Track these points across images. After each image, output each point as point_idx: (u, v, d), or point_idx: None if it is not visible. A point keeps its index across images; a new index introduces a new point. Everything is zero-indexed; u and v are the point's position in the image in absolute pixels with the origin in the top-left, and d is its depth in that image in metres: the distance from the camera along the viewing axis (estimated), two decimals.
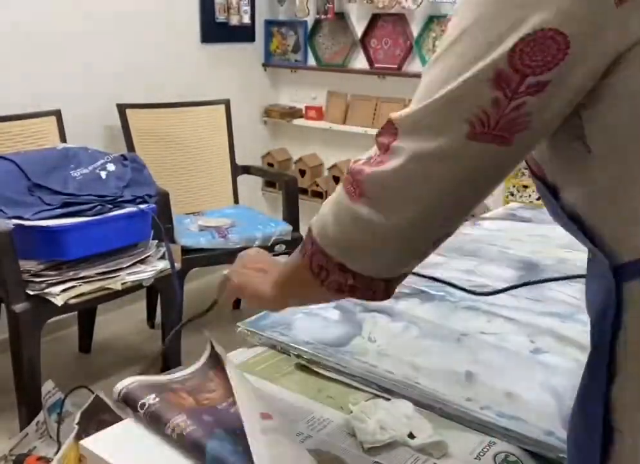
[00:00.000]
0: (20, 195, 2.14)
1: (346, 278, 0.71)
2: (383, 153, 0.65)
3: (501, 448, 0.88)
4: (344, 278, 0.71)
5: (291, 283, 0.81)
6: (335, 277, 0.71)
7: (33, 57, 2.72)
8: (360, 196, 0.65)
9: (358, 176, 0.66)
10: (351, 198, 0.66)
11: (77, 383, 2.28)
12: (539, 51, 0.55)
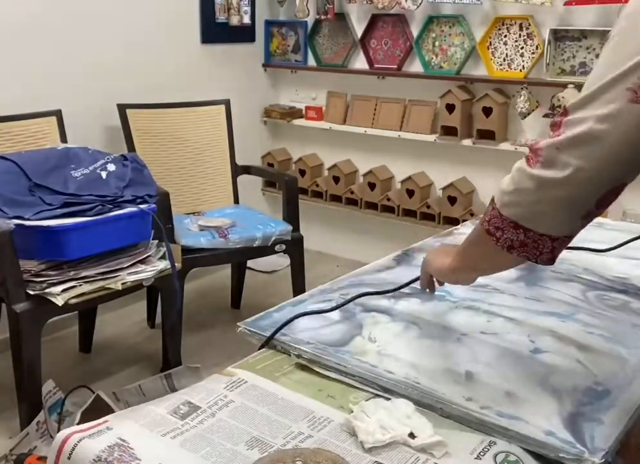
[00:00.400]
0: (20, 195, 2.14)
1: (517, 235, 0.85)
2: (556, 130, 0.80)
3: (501, 447, 0.89)
4: (516, 234, 0.85)
5: (470, 249, 1.00)
6: (508, 234, 0.86)
7: (33, 57, 2.72)
8: (537, 162, 0.81)
9: (536, 146, 0.82)
10: (528, 164, 0.82)
11: (77, 382, 2.29)
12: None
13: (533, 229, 0.83)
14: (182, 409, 0.97)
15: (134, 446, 0.87)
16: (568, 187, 0.79)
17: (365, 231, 3.66)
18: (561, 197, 0.80)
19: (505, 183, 0.86)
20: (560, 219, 0.83)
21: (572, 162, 0.78)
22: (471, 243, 0.99)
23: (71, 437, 0.89)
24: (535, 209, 0.83)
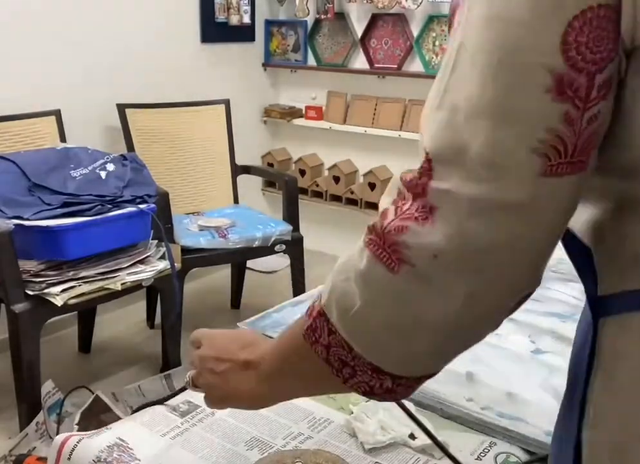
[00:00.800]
0: (20, 195, 2.14)
1: (381, 382, 0.55)
2: (415, 198, 0.49)
3: (502, 448, 0.88)
4: (378, 381, 0.55)
5: (294, 375, 0.63)
6: (364, 378, 0.55)
7: (33, 57, 2.72)
8: (401, 264, 0.49)
9: (393, 238, 0.49)
10: (387, 268, 0.50)
11: (77, 383, 2.29)
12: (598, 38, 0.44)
13: (408, 376, 0.55)
14: (182, 407, 0.97)
15: (133, 447, 0.87)
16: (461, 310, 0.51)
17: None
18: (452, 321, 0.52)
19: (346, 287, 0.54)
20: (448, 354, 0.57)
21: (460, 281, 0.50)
22: (297, 367, 0.62)
23: (71, 437, 0.89)
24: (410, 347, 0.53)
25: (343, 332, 0.55)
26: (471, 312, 0.51)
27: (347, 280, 0.54)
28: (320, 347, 0.57)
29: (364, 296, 0.52)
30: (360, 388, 0.57)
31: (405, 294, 0.50)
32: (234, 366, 0.68)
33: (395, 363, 0.54)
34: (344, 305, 0.54)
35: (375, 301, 0.52)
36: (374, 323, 0.52)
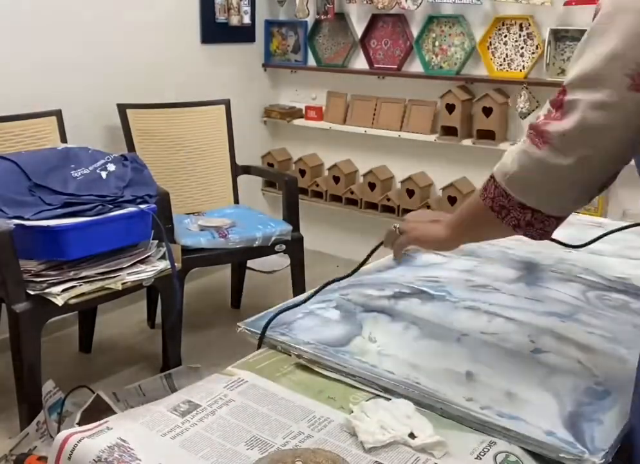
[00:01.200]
0: (20, 195, 2.14)
1: (524, 215, 0.88)
2: (557, 109, 0.83)
3: (501, 448, 0.89)
4: (522, 214, 0.88)
5: (469, 223, 1.01)
6: (514, 214, 0.89)
7: (34, 57, 2.72)
8: (544, 144, 0.83)
9: (541, 128, 0.83)
10: (537, 147, 0.83)
11: (77, 382, 2.29)
12: None
13: (541, 211, 0.87)
14: (182, 407, 0.97)
15: (134, 447, 0.87)
16: (576, 173, 0.82)
17: (365, 231, 3.66)
18: (569, 181, 0.84)
19: (509, 164, 0.88)
20: (568, 201, 0.87)
21: (579, 150, 0.81)
22: (472, 217, 1.00)
23: (71, 437, 0.89)
24: (543, 192, 0.86)
25: (505, 185, 0.88)
26: (583, 168, 0.82)
27: (511, 155, 0.88)
28: (488, 199, 0.92)
29: (521, 162, 0.86)
30: (511, 223, 0.90)
31: (545, 159, 0.83)
32: (429, 221, 1.12)
33: (534, 200, 0.87)
34: (508, 169, 0.88)
35: (527, 165, 0.85)
36: (525, 178, 0.86)
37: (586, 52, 0.80)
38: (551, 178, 0.84)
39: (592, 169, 0.82)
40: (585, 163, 0.81)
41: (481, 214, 0.94)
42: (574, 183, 0.84)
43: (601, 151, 0.81)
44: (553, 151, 0.82)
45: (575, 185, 0.84)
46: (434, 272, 1.45)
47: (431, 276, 1.42)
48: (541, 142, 0.83)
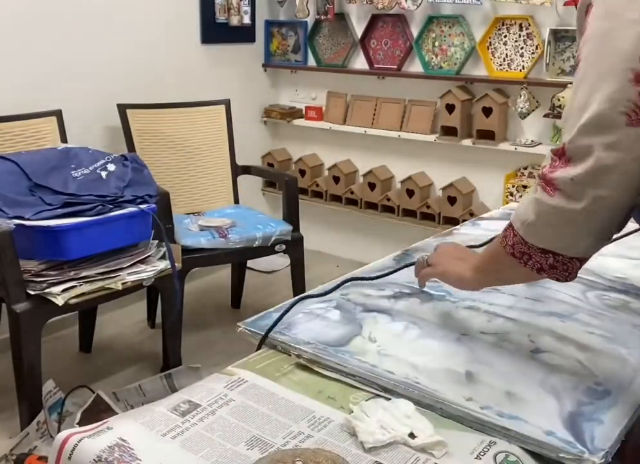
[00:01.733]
0: (21, 195, 2.14)
1: (546, 259, 0.90)
2: (560, 157, 0.85)
3: (501, 448, 0.89)
4: (544, 258, 0.90)
5: (492, 267, 1.03)
6: (536, 258, 0.91)
7: (34, 57, 2.73)
8: (555, 190, 0.85)
9: (549, 176, 0.86)
10: (548, 194, 0.86)
11: (78, 382, 2.29)
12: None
13: (563, 254, 0.89)
14: (182, 407, 0.97)
15: (134, 447, 0.87)
16: (591, 215, 0.84)
17: (365, 231, 3.66)
18: (586, 224, 0.85)
19: (524, 213, 0.90)
20: (587, 243, 0.88)
21: (590, 193, 0.82)
22: (495, 263, 1.01)
23: (71, 437, 0.89)
24: (561, 237, 0.88)
25: (523, 234, 0.91)
26: (597, 210, 0.84)
27: (524, 205, 0.91)
28: (509, 246, 0.94)
29: (535, 211, 0.88)
30: (535, 267, 0.92)
31: (558, 205, 0.85)
32: (457, 258, 1.15)
33: (554, 245, 0.89)
34: (524, 218, 0.90)
35: (541, 212, 0.88)
36: (541, 225, 0.89)
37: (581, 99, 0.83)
38: (567, 222, 0.85)
39: (606, 209, 0.84)
40: (599, 204, 0.83)
41: (504, 260, 0.96)
42: (591, 225, 0.85)
43: (612, 190, 0.82)
44: (565, 197, 0.84)
45: (592, 227, 0.86)
46: None
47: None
48: (552, 189, 0.85)
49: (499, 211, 1.99)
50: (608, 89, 0.79)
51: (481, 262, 1.06)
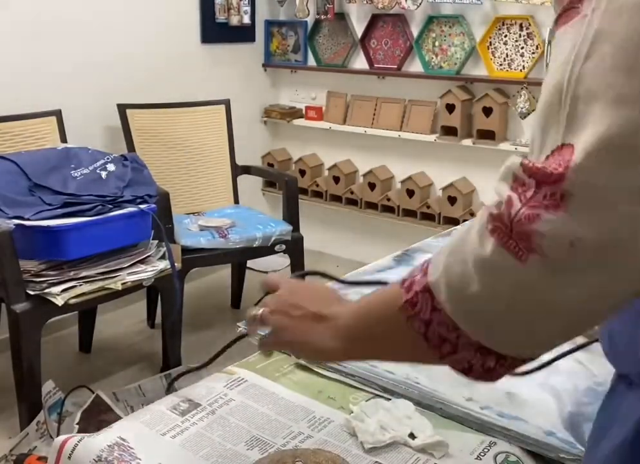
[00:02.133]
0: (20, 195, 2.14)
1: (484, 360, 0.55)
2: (543, 182, 0.48)
3: (501, 448, 0.89)
4: (481, 359, 0.55)
5: (375, 339, 0.63)
6: (465, 355, 0.56)
7: (34, 57, 2.72)
8: (531, 254, 0.48)
9: (524, 227, 0.48)
10: (515, 257, 0.49)
11: (77, 382, 2.29)
12: None
13: (516, 357, 0.56)
14: (182, 406, 0.97)
15: (134, 446, 0.87)
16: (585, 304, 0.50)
17: (365, 231, 3.66)
18: (570, 316, 0.51)
19: (459, 275, 0.53)
20: (560, 339, 0.55)
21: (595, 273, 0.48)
22: (384, 333, 0.62)
23: (71, 438, 0.89)
24: (526, 334, 0.53)
25: (452, 312, 0.54)
26: (603, 300, 0.50)
27: (463, 262, 0.53)
28: (419, 322, 0.57)
29: (486, 282, 0.51)
30: (459, 365, 0.57)
31: (533, 283, 0.49)
32: (311, 316, 0.69)
33: (506, 344, 0.54)
34: (458, 287, 0.53)
35: (497, 288, 0.51)
36: (492, 309, 0.52)
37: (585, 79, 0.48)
38: (541, 311, 0.51)
39: (610, 296, 0.50)
40: (606, 289, 0.49)
41: (403, 339, 0.59)
42: (579, 317, 0.52)
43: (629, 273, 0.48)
44: (548, 269, 0.48)
45: (579, 320, 0.52)
46: None
47: None
48: (524, 249, 0.48)
49: None
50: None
51: (356, 326, 0.66)
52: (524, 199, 0.49)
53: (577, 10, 0.49)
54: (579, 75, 0.48)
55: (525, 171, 0.50)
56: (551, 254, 0.48)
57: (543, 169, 0.48)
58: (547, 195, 0.48)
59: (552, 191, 0.47)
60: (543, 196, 0.48)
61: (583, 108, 0.47)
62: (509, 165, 0.51)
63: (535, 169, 0.49)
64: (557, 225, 0.47)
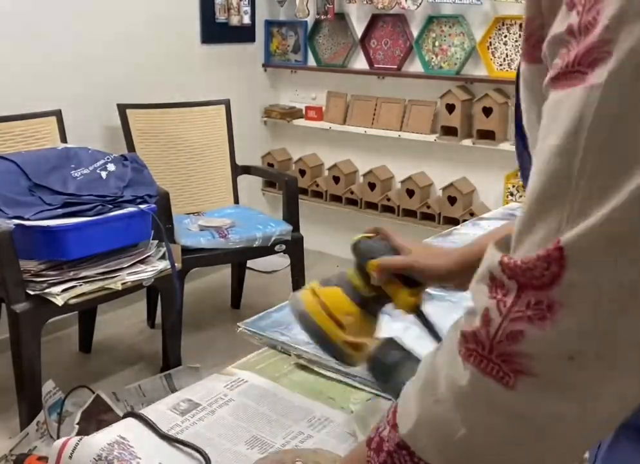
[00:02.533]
0: (20, 195, 2.14)
1: None
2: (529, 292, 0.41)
3: None
4: None
5: None
6: None
7: (33, 57, 2.72)
8: (519, 376, 0.41)
9: (506, 348, 0.41)
10: (502, 384, 0.41)
11: (77, 383, 2.29)
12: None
13: None
14: (182, 406, 0.97)
15: (134, 444, 0.87)
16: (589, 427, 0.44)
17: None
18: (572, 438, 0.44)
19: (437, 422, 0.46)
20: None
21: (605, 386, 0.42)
22: None
23: (72, 438, 0.89)
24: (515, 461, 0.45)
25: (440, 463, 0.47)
26: (617, 412, 0.43)
27: (438, 402, 0.45)
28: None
29: (471, 420, 0.44)
30: None
31: (527, 408, 0.42)
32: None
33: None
34: (441, 434, 0.45)
35: (486, 423, 0.43)
36: (485, 448, 0.44)
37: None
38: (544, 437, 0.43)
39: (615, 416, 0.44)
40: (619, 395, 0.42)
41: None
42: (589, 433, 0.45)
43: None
44: (543, 391, 0.41)
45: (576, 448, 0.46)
46: None
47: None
48: (510, 372, 0.41)
49: (500, 210, 1.99)
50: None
51: None
52: (503, 308, 0.42)
53: (583, 77, 0.41)
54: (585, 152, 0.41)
55: (505, 270, 0.42)
56: (544, 373, 0.41)
57: (527, 268, 0.41)
58: (531, 303, 0.41)
59: (538, 299, 0.40)
60: (527, 305, 0.41)
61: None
62: (487, 263, 0.45)
63: (516, 267, 0.42)
64: (546, 342, 0.40)
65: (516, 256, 0.42)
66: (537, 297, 0.40)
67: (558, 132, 0.42)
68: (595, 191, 0.39)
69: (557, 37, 0.44)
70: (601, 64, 0.40)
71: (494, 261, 0.43)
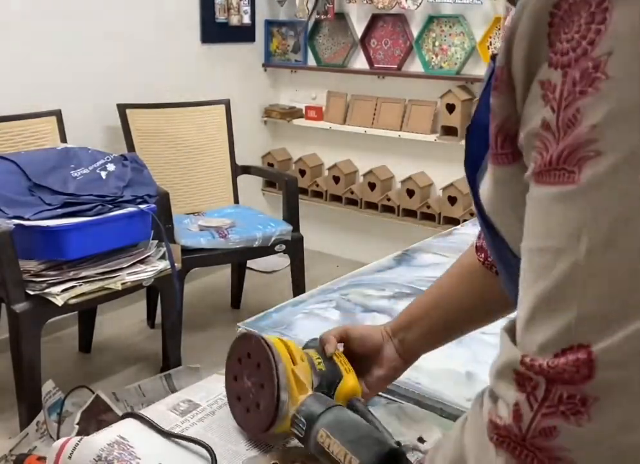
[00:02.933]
0: (20, 195, 2.14)
1: None
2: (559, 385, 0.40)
3: None
4: None
5: None
6: None
7: (33, 57, 2.72)
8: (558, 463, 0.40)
9: (543, 444, 0.40)
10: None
11: (77, 383, 2.29)
12: None
13: None
14: (182, 406, 0.97)
15: (134, 445, 0.87)
16: None
17: (365, 231, 3.66)
18: None
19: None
20: None
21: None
22: None
23: (71, 439, 0.89)
24: None
25: None
26: None
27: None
28: None
29: None
30: None
31: None
32: None
33: None
34: None
35: None
36: None
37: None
38: None
39: None
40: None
41: None
42: None
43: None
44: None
45: None
46: (434, 272, 1.44)
47: (431, 276, 1.42)
48: (547, 458, 0.40)
49: None
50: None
51: None
52: (534, 402, 0.40)
53: (572, 177, 0.40)
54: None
55: (529, 369, 0.41)
56: (584, 461, 0.39)
57: (556, 373, 0.40)
58: (564, 397, 0.39)
59: (570, 393, 0.39)
60: (559, 399, 0.39)
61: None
62: (506, 361, 0.44)
63: (542, 370, 0.40)
64: (583, 437, 0.39)
65: (538, 357, 0.41)
66: (569, 391, 0.39)
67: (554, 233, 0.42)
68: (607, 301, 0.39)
69: (532, 131, 0.43)
70: (591, 164, 0.39)
71: (514, 361, 0.43)
